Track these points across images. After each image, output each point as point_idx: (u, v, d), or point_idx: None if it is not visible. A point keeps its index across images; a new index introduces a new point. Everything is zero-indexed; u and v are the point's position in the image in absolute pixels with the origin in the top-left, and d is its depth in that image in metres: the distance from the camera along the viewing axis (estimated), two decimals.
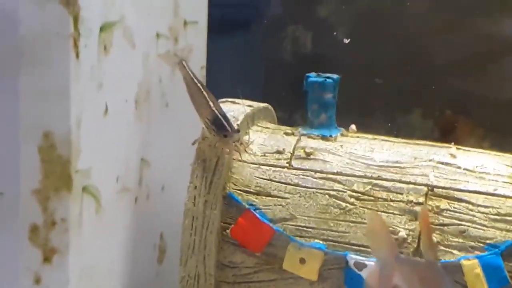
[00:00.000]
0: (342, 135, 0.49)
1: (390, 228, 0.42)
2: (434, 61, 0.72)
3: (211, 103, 0.44)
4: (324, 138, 0.48)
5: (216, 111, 0.44)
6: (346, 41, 0.71)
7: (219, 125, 0.44)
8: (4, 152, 0.43)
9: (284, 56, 0.76)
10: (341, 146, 0.47)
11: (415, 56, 0.72)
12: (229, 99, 0.50)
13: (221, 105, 0.47)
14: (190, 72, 0.46)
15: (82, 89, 0.42)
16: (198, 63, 0.59)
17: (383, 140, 0.48)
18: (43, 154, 0.42)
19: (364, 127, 0.53)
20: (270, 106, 0.54)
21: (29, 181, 0.42)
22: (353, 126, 0.50)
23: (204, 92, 0.45)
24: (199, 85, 0.45)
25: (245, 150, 0.46)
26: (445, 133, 0.58)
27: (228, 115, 0.45)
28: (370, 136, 0.50)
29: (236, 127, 0.44)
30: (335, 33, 0.72)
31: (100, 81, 0.44)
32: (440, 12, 0.71)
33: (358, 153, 0.46)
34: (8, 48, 0.42)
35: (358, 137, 0.49)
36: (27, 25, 0.40)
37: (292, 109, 0.60)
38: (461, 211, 0.43)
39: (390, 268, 0.36)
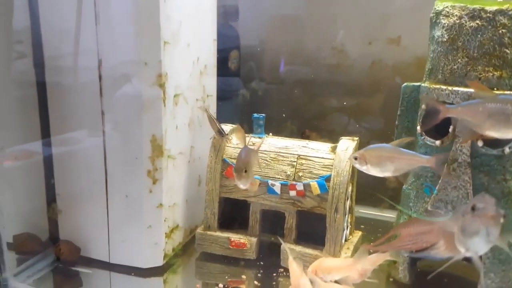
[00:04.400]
0: (266, 137, 1.17)
1: (282, 171, 1.10)
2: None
3: (218, 125, 1.11)
4: (260, 137, 1.16)
5: (219, 127, 1.11)
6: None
7: (220, 133, 1.10)
8: (138, 143, 1.05)
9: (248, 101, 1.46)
10: (266, 140, 1.15)
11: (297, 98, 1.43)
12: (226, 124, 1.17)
13: (222, 125, 1.13)
14: (209, 112, 1.11)
15: (167, 119, 1.07)
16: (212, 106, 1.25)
17: (281, 138, 1.14)
18: (152, 143, 1.05)
19: (275, 133, 1.21)
20: (240, 126, 1.22)
21: (147, 153, 1.05)
22: (270, 134, 1.18)
23: (215, 120, 1.11)
24: (213, 117, 1.11)
25: (229, 141, 1.13)
26: (306, 137, 1.29)
27: (224, 128, 1.12)
28: (276, 137, 1.15)
29: (226, 133, 1.11)
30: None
31: (174, 115, 1.08)
32: None
33: (271, 142, 1.11)
34: (138, 106, 1.00)
35: (271, 137, 1.15)
36: (145, 95, 1.03)
37: (250, 127, 1.25)
38: (309, 164, 1.09)
39: None
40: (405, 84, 1.03)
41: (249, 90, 1.47)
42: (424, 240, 0.79)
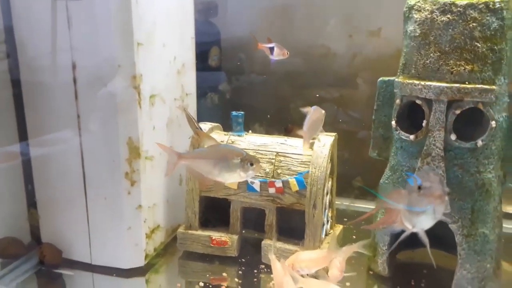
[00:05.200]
0: (245, 135, 1.17)
1: (261, 169, 1.11)
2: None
3: (195, 124, 1.11)
4: (239, 135, 1.16)
5: (197, 126, 1.11)
6: None
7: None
8: (114, 145, 1.06)
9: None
10: (245, 138, 1.14)
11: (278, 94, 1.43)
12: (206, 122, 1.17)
13: (200, 124, 1.13)
14: (187, 111, 1.11)
15: (143, 120, 1.06)
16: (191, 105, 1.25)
17: (260, 135, 1.15)
18: (129, 145, 1.06)
19: (258, 128, 1.21)
20: (220, 125, 1.22)
21: (124, 156, 1.06)
22: (250, 131, 1.18)
23: (193, 119, 1.11)
24: (191, 116, 1.11)
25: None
26: (287, 133, 1.29)
27: (202, 127, 1.12)
28: (256, 134, 1.16)
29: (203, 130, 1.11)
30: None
31: (151, 116, 1.09)
32: None
33: (251, 140, 1.11)
34: (113, 108, 1.00)
35: (251, 135, 1.15)
36: (120, 96, 1.03)
37: (228, 126, 1.23)
38: (287, 161, 1.09)
39: None
40: (380, 78, 1.03)
41: (231, 86, 1.47)
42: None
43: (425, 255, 1.12)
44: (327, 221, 1.12)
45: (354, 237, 1.19)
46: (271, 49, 1.12)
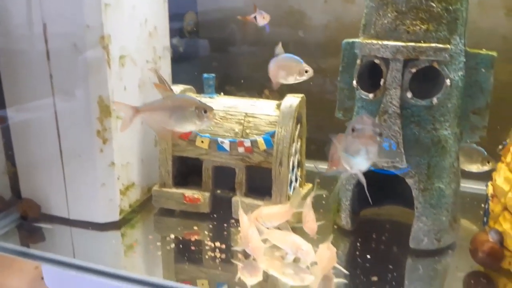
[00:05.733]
0: (217, 97, 1.20)
1: (231, 129, 1.15)
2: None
3: (167, 85, 1.14)
4: (210, 97, 1.19)
5: (168, 87, 1.14)
6: None
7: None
8: (86, 104, 1.09)
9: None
10: (216, 100, 1.17)
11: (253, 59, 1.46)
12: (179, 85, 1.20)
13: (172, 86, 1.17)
14: (159, 74, 1.14)
15: (113, 80, 1.07)
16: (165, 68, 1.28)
17: (231, 97, 1.19)
18: (99, 103, 1.08)
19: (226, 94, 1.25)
20: (193, 87, 1.25)
21: (95, 114, 1.09)
22: (222, 94, 1.22)
23: (164, 81, 1.14)
24: (162, 78, 1.14)
25: None
26: (266, 97, 1.33)
27: (174, 89, 1.16)
28: (227, 96, 1.19)
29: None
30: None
31: (121, 77, 1.12)
32: None
33: (221, 102, 1.15)
34: (84, 68, 1.03)
35: (222, 97, 1.19)
36: (90, 58, 1.01)
37: (200, 87, 1.26)
38: (256, 122, 1.12)
39: None
40: (345, 40, 1.06)
41: (207, 51, 1.49)
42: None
43: (390, 212, 1.18)
44: (296, 180, 1.17)
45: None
46: (255, 18, 1.16)
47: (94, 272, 0.91)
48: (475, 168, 1.19)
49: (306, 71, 1.00)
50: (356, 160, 0.72)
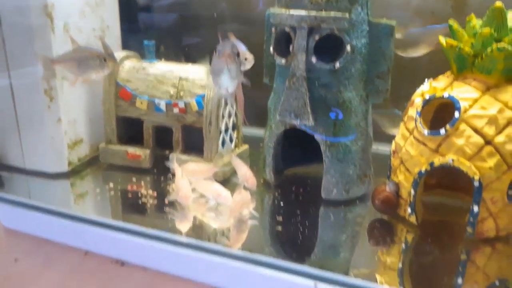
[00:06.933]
0: (157, 62, 1.32)
1: (167, 92, 1.28)
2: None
3: (109, 50, 1.27)
4: (150, 62, 1.31)
5: (110, 52, 1.26)
6: None
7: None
8: (33, 66, 1.22)
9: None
10: (154, 65, 1.28)
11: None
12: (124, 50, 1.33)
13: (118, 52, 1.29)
14: (103, 41, 1.27)
15: (57, 45, 1.14)
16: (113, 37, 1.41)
17: (169, 63, 1.30)
18: (44, 63, 1.20)
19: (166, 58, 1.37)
20: (137, 53, 1.37)
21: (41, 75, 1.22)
22: (162, 59, 1.34)
23: (108, 47, 1.27)
24: (106, 45, 1.27)
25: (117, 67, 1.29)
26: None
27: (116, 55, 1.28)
28: (166, 62, 1.30)
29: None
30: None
31: (66, 42, 1.21)
32: None
33: (158, 67, 1.26)
34: (30, 33, 1.14)
35: (161, 62, 1.29)
36: (34, 24, 1.13)
37: (143, 54, 1.38)
38: (189, 85, 1.24)
39: None
40: (267, 11, 1.17)
41: (156, 22, 1.60)
42: None
43: (312, 170, 1.29)
44: (231, 140, 1.29)
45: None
46: None
47: (46, 212, 1.05)
48: (397, 132, 1.30)
49: (246, 59, 1.11)
50: (222, 79, 0.84)
